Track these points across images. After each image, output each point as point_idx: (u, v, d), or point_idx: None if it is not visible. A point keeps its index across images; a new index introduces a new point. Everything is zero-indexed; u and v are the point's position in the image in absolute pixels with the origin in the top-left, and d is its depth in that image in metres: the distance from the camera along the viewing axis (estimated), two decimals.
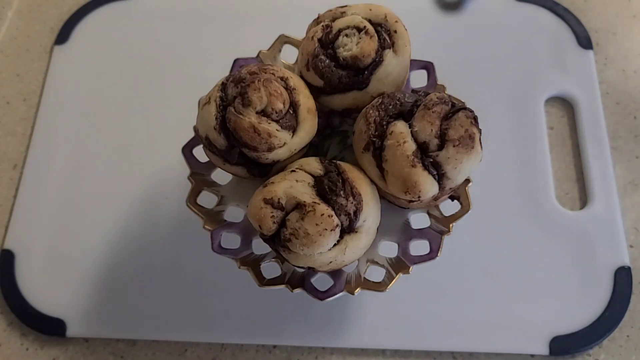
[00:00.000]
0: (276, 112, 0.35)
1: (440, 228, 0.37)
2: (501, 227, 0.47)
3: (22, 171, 0.51)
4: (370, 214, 0.34)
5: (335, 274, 0.36)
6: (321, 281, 0.36)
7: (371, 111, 0.36)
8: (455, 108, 0.34)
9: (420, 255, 0.36)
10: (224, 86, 0.36)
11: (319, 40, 0.37)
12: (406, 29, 0.38)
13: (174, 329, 0.44)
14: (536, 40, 0.54)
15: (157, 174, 0.50)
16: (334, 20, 0.38)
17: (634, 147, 0.50)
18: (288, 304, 0.44)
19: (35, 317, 0.45)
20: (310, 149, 0.39)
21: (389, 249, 0.37)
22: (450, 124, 0.33)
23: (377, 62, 0.37)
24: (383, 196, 0.37)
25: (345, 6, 0.39)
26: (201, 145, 0.38)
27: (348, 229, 0.33)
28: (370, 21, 0.38)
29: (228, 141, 0.35)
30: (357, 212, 0.33)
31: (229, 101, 0.35)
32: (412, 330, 0.43)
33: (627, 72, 0.53)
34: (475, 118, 0.34)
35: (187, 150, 0.40)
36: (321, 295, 0.36)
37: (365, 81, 0.37)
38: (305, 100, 0.36)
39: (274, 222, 0.33)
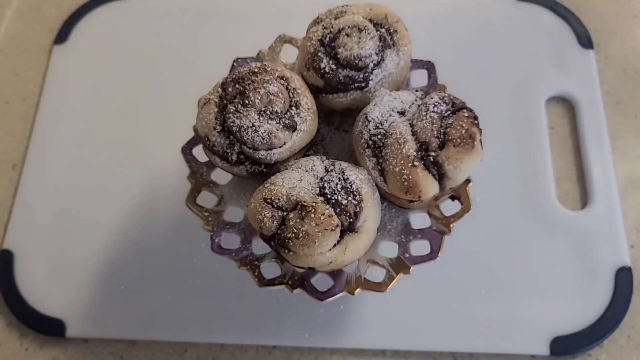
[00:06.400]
0: (276, 112, 0.35)
1: (440, 228, 0.37)
2: (502, 227, 0.46)
3: (21, 171, 0.51)
4: (371, 214, 0.34)
5: (335, 274, 0.36)
6: (321, 281, 0.36)
7: (372, 111, 0.36)
8: (456, 107, 0.34)
9: (421, 256, 0.36)
10: (224, 86, 0.36)
11: (319, 40, 0.37)
12: (407, 29, 0.38)
13: (173, 329, 0.44)
14: (537, 39, 0.54)
15: (156, 173, 0.50)
16: (334, 19, 0.38)
17: (634, 147, 0.50)
18: (288, 304, 0.44)
19: (35, 318, 0.45)
20: (310, 149, 0.39)
21: (389, 249, 0.37)
22: (451, 124, 0.33)
23: (377, 62, 0.37)
24: (383, 196, 0.36)
25: (346, 6, 0.39)
26: (201, 145, 0.37)
27: (348, 229, 0.33)
28: (370, 21, 0.37)
29: (228, 141, 0.35)
30: (357, 212, 0.33)
31: (229, 101, 0.35)
32: (413, 331, 0.43)
33: (627, 71, 0.53)
34: (475, 118, 0.34)
35: (187, 150, 0.40)
36: (321, 295, 0.36)
37: (366, 81, 0.37)
38: (306, 101, 0.36)
39: (274, 222, 0.32)
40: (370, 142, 0.35)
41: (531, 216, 0.47)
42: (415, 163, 0.33)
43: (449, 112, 0.34)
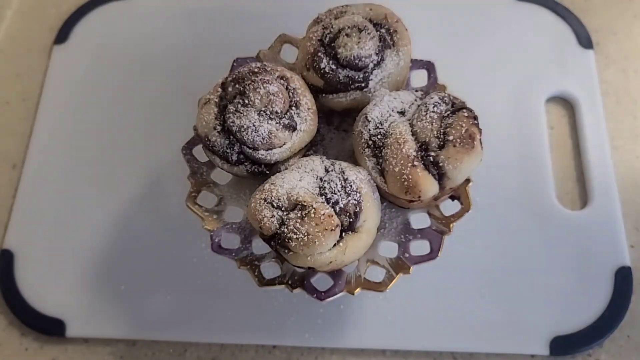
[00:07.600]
0: (276, 112, 0.35)
1: (440, 228, 0.37)
2: (501, 226, 0.46)
3: (21, 171, 0.51)
4: (371, 214, 0.34)
5: (335, 274, 0.36)
6: (321, 281, 0.36)
7: (371, 111, 0.36)
8: (456, 107, 0.34)
9: (421, 256, 0.36)
10: (224, 86, 0.36)
11: (319, 40, 0.37)
12: (406, 29, 0.38)
13: (173, 329, 0.44)
14: (537, 39, 0.54)
15: (156, 173, 0.50)
16: (334, 19, 0.38)
17: (634, 147, 0.50)
18: (288, 304, 0.44)
19: (35, 317, 0.45)
20: (310, 149, 0.39)
21: (389, 249, 0.37)
22: (451, 124, 0.33)
23: (377, 62, 0.37)
24: (383, 196, 0.36)
25: (346, 6, 0.39)
26: (201, 145, 0.37)
27: (348, 229, 0.33)
28: (370, 21, 0.37)
29: (228, 141, 0.35)
30: (357, 212, 0.33)
31: (229, 100, 0.35)
32: (412, 331, 0.43)
33: (627, 71, 0.53)
34: (475, 118, 0.34)
35: (187, 150, 0.40)
36: (321, 295, 0.36)
37: (365, 81, 0.37)
38: (306, 101, 0.36)
39: (273, 222, 0.32)
40: (370, 142, 0.35)
41: (531, 216, 0.47)
42: (415, 163, 0.33)
43: (448, 112, 0.34)
